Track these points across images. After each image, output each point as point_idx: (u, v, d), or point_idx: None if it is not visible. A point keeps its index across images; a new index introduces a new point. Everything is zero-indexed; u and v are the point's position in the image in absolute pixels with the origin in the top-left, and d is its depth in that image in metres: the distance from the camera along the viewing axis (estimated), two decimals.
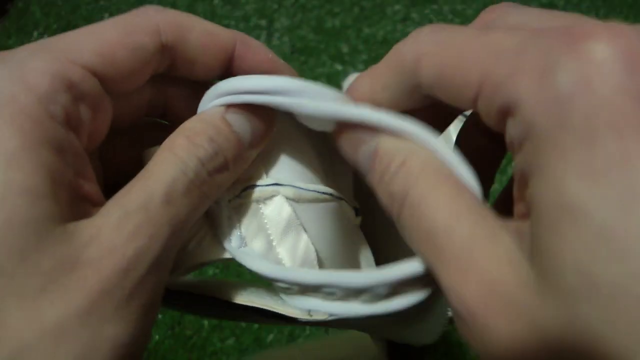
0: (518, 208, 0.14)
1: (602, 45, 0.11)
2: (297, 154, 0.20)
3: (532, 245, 0.13)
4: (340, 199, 0.21)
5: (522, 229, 0.13)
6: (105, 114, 0.17)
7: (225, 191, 0.19)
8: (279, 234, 0.19)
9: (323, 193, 0.20)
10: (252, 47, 0.19)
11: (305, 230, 0.19)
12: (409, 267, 0.16)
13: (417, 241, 0.15)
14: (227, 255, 0.19)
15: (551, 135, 0.12)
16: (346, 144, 0.18)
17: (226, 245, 0.19)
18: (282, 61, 0.20)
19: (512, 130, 0.13)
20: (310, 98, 0.17)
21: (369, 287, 0.17)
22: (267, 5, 1.03)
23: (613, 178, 0.11)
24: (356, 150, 0.17)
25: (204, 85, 0.20)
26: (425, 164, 0.15)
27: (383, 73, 0.17)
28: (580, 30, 0.12)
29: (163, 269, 0.16)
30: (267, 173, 0.19)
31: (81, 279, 0.14)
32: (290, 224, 0.19)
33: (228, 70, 0.20)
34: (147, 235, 0.15)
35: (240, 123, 0.18)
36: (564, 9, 0.64)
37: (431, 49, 0.15)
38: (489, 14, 0.16)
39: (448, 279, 0.14)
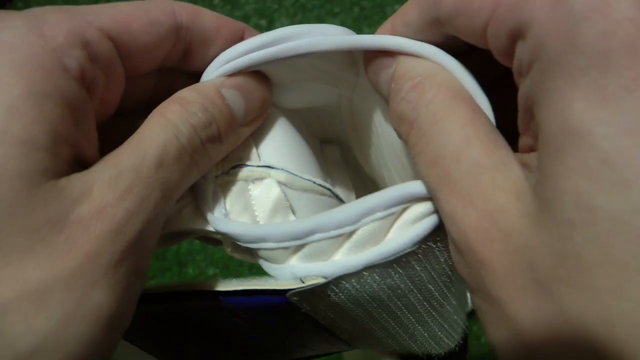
0: (523, 141, 0.14)
1: None
2: (295, 146, 0.20)
3: (537, 177, 0.12)
4: (340, 200, 0.20)
5: (529, 162, 0.13)
6: (118, 83, 0.17)
7: (213, 167, 0.18)
8: (266, 215, 0.18)
9: (320, 185, 0.19)
10: None
11: (294, 214, 0.18)
12: (408, 187, 0.16)
13: (424, 164, 0.14)
14: (207, 227, 0.18)
15: (561, 55, 0.11)
16: (370, 72, 0.17)
17: (208, 216, 0.18)
18: None
19: (520, 54, 0.13)
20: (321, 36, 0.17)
21: (366, 213, 0.16)
22: (267, 5, 1.03)
23: (624, 105, 0.10)
24: (377, 76, 0.17)
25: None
26: (442, 85, 0.15)
27: (405, 10, 0.17)
28: None
29: (152, 235, 0.15)
30: (260, 156, 0.19)
31: (69, 239, 0.13)
32: (278, 206, 0.18)
33: None
34: (138, 196, 0.14)
35: (235, 98, 0.18)
36: None
37: None
38: None
39: (450, 206, 0.13)
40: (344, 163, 0.25)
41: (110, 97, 0.17)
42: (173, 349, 0.23)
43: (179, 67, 0.19)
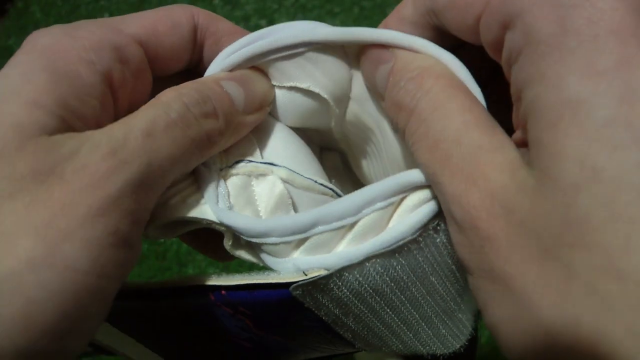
0: (516, 135, 0.14)
1: None
2: (296, 149, 0.20)
3: (531, 152, 0.13)
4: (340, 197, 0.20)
5: (523, 152, 0.14)
6: (146, 85, 0.18)
7: (217, 158, 0.18)
8: (268, 211, 0.18)
9: (322, 185, 0.19)
10: None
11: (296, 211, 0.19)
12: (407, 176, 0.16)
13: (424, 150, 0.15)
14: (209, 216, 0.18)
15: (552, 38, 0.12)
16: (366, 66, 0.18)
17: (212, 207, 0.18)
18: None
19: (510, 42, 0.14)
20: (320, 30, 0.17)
21: (367, 203, 0.16)
22: (267, 5, 1.03)
23: (615, 78, 0.11)
24: (375, 71, 0.17)
25: None
26: (440, 76, 0.16)
27: (400, 8, 0.17)
28: None
29: (137, 201, 0.15)
30: (262, 155, 0.19)
31: (49, 191, 0.14)
32: (281, 202, 0.18)
33: None
34: (120, 159, 0.15)
35: (234, 88, 0.18)
36: None
37: None
38: None
39: (453, 188, 0.14)
40: (345, 169, 0.25)
41: (138, 98, 0.18)
42: (170, 347, 0.23)
43: (197, 71, 0.20)
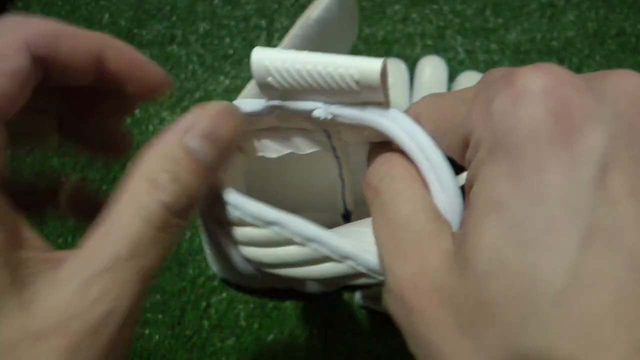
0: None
1: (528, 77, 0.15)
2: None
3: (461, 237, 0.15)
4: None
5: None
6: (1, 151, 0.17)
7: None
8: None
9: None
10: (118, 49, 0.20)
11: None
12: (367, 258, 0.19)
13: (378, 225, 0.18)
14: None
15: (488, 146, 0.15)
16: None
17: None
18: (151, 62, 0.20)
19: (467, 154, 0.17)
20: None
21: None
22: (267, 5, 1.03)
23: (528, 181, 0.14)
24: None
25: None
26: (406, 167, 0.19)
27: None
28: (516, 70, 0.15)
29: (133, 321, 0.16)
30: None
31: (49, 347, 0.14)
32: None
33: (99, 72, 0.20)
34: (113, 297, 0.15)
35: (201, 149, 0.17)
36: (564, 9, 0.64)
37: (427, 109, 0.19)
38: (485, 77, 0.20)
39: (391, 261, 0.17)
40: None
41: None
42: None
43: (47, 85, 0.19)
